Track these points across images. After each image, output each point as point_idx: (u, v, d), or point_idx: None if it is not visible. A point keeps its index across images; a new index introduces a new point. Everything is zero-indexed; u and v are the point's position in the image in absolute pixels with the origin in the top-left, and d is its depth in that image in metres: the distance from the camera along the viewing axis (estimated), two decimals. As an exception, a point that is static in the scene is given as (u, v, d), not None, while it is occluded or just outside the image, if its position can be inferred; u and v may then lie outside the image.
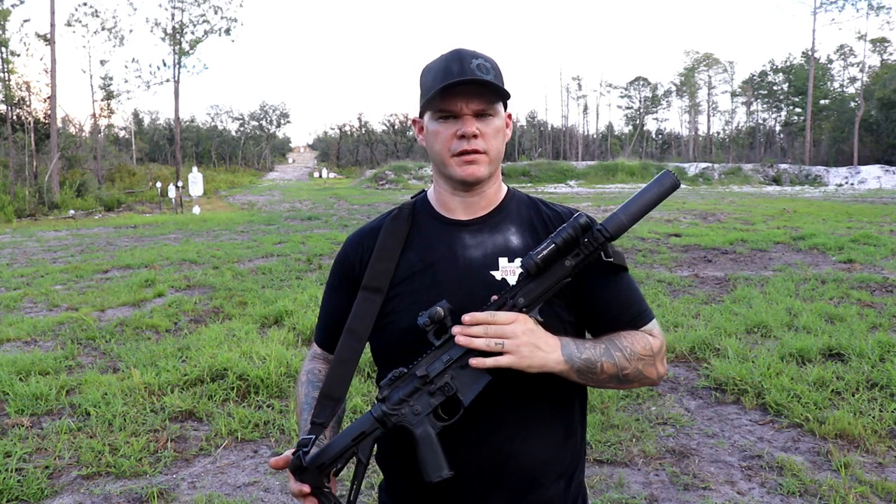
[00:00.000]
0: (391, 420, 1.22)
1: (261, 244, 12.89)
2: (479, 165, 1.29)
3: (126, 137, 68.43)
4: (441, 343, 1.21)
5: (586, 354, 1.22)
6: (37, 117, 31.87)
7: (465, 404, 1.20)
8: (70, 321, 6.80)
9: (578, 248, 1.21)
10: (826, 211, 17.93)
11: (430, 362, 1.21)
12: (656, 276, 8.64)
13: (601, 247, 1.22)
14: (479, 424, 1.27)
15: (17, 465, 3.56)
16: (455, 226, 1.36)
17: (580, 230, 1.20)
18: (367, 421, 1.23)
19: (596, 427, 3.91)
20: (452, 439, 1.25)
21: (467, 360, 1.19)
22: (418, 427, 1.21)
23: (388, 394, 1.23)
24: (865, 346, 5.00)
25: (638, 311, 1.32)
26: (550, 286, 1.21)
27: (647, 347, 1.28)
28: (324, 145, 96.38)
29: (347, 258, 1.43)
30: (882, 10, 51.64)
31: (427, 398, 1.21)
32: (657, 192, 1.22)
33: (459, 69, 1.25)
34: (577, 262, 1.21)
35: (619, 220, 1.21)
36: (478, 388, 1.20)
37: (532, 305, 1.21)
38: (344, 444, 1.24)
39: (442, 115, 1.29)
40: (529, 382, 1.27)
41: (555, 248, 1.19)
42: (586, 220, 1.21)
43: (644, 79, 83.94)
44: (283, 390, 4.59)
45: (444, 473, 1.19)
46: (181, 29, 38.74)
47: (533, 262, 1.19)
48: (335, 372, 1.33)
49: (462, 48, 1.30)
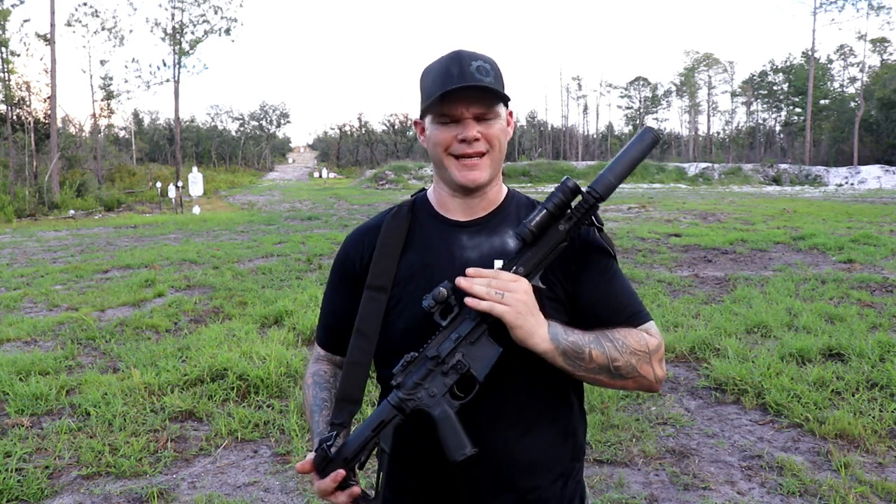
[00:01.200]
0: (408, 406, 1.22)
1: (261, 244, 12.90)
2: (480, 171, 1.30)
3: (126, 137, 68.47)
4: (448, 322, 1.21)
5: (573, 338, 1.21)
6: (37, 117, 31.88)
7: (479, 379, 1.20)
8: (70, 321, 6.80)
9: (570, 211, 1.23)
10: (826, 211, 17.93)
11: (440, 342, 1.21)
12: (656, 276, 8.64)
13: (592, 208, 1.23)
14: (478, 424, 1.27)
15: (17, 465, 3.56)
16: (453, 226, 1.36)
17: (570, 193, 1.22)
18: (385, 410, 1.23)
19: (596, 427, 3.91)
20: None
21: (476, 334, 1.20)
22: (436, 408, 1.21)
23: (402, 380, 1.23)
24: (865, 346, 5.00)
25: (634, 312, 1.32)
26: (548, 252, 1.23)
27: (641, 342, 1.26)
28: (324, 145, 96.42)
29: (348, 256, 1.43)
30: (882, 10, 51.71)
31: (441, 378, 1.21)
32: (640, 149, 1.25)
33: (459, 72, 1.25)
34: (570, 226, 1.23)
35: (606, 179, 1.23)
36: (490, 360, 1.20)
37: (532, 273, 1.22)
38: (365, 435, 1.23)
39: (443, 120, 1.29)
40: (529, 381, 1.27)
41: (547, 214, 1.21)
42: (574, 184, 1.23)
43: (644, 79, 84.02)
44: (283, 390, 4.59)
45: (467, 451, 1.18)
46: (181, 29, 38.76)
47: (527, 229, 1.21)
48: (349, 374, 1.33)
49: (462, 50, 1.30)
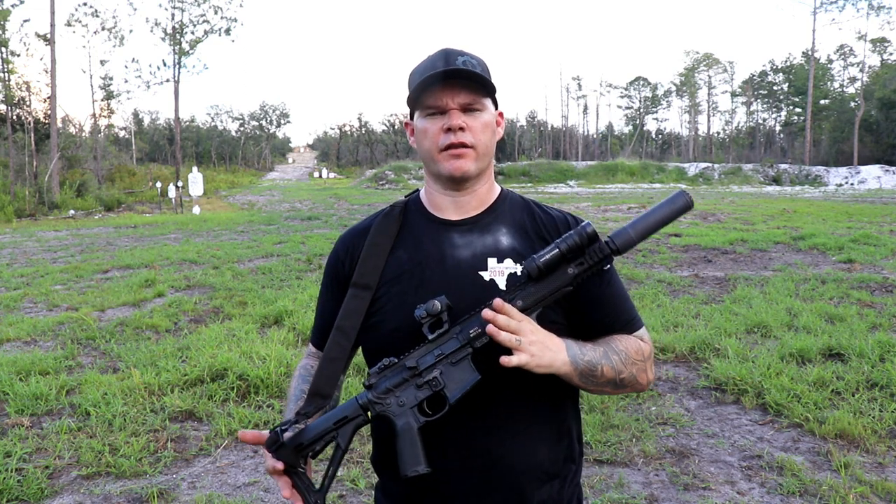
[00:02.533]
0: (375, 409, 1.21)
1: (261, 244, 12.89)
2: (465, 160, 1.27)
3: (126, 137, 68.47)
4: (435, 337, 1.20)
5: (588, 356, 1.21)
6: (37, 117, 31.86)
7: (450, 401, 1.18)
8: (70, 321, 6.79)
9: (583, 257, 1.19)
10: (826, 211, 17.93)
11: (422, 355, 1.20)
12: (656, 276, 8.64)
13: (605, 259, 1.20)
14: (469, 426, 1.26)
15: (17, 465, 3.56)
16: (445, 225, 1.34)
17: (586, 239, 1.17)
18: (350, 406, 1.23)
19: (596, 427, 3.91)
20: (442, 441, 1.25)
21: (459, 356, 1.19)
22: (400, 418, 1.20)
23: (375, 382, 1.22)
24: (865, 346, 5.00)
25: (629, 318, 1.33)
26: (550, 293, 1.19)
27: (639, 352, 1.28)
28: (324, 145, 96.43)
29: (338, 258, 1.43)
30: (882, 10, 51.69)
31: (414, 391, 1.20)
32: (668, 211, 1.19)
33: (444, 66, 1.24)
34: (579, 272, 1.19)
35: (627, 234, 1.18)
36: (466, 386, 1.18)
37: (530, 309, 1.19)
38: (325, 426, 1.23)
39: (429, 112, 1.28)
40: (520, 384, 1.26)
41: (558, 254, 1.17)
42: (593, 231, 1.18)
43: (644, 79, 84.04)
44: (282, 390, 4.59)
45: (420, 469, 1.17)
46: (181, 29, 38.76)
47: (535, 265, 1.17)
48: (324, 369, 1.32)
49: (449, 47, 1.29)
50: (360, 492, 3.32)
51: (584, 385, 1.23)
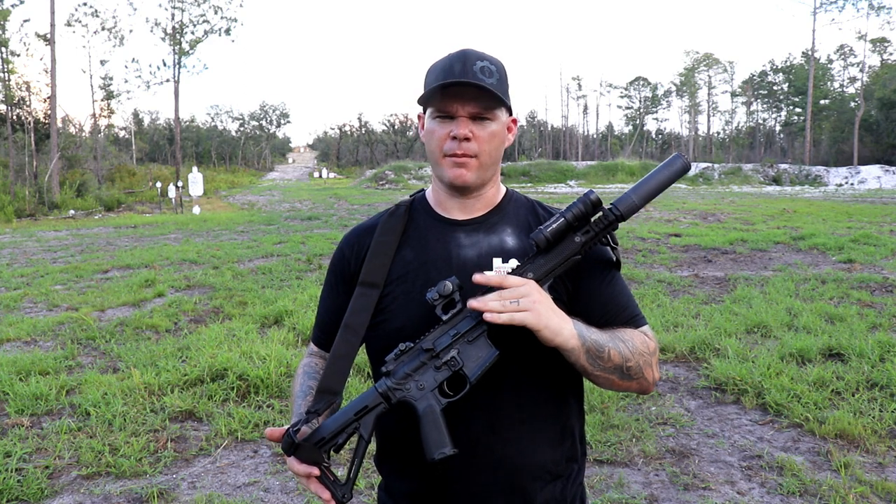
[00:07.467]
0: (395, 395, 1.20)
1: (261, 244, 12.89)
2: (466, 170, 1.28)
3: (126, 137, 68.43)
4: (449, 317, 1.19)
5: (595, 336, 1.20)
6: (37, 117, 31.87)
7: (470, 380, 1.18)
8: (70, 321, 6.80)
9: (588, 225, 1.21)
10: (826, 211, 17.93)
11: (438, 336, 1.20)
12: (656, 276, 8.64)
13: (611, 226, 1.21)
14: (473, 426, 1.26)
15: (17, 465, 3.56)
16: (451, 225, 1.35)
17: (590, 206, 1.19)
18: (370, 395, 1.21)
19: (596, 427, 3.91)
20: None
21: (475, 334, 1.18)
22: (422, 402, 1.18)
23: (393, 368, 1.21)
24: (865, 346, 5.00)
25: (632, 315, 1.32)
26: (560, 262, 1.20)
27: (645, 344, 1.27)
28: (324, 145, 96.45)
29: (343, 256, 1.43)
30: (882, 10, 51.64)
31: (433, 373, 1.19)
32: (667, 174, 1.22)
33: (461, 70, 1.23)
34: (586, 240, 1.20)
35: (630, 200, 1.21)
36: (485, 362, 1.18)
37: (541, 281, 1.19)
38: (346, 418, 1.21)
39: (439, 115, 1.28)
40: (525, 380, 1.26)
41: (564, 223, 1.18)
42: (597, 197, 1.19)
43: (644, 79, 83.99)
44: (283, 390, 4.59)
45: (446, 451, 1.16)
46: (181, 29, 38.77)
47: (543, 235, 1.18)
48: (332, 366, 1.32)
49: (469, 49, 1.28)
50: (359, 492, 3.32)
51: (592, 367, 1.20)
